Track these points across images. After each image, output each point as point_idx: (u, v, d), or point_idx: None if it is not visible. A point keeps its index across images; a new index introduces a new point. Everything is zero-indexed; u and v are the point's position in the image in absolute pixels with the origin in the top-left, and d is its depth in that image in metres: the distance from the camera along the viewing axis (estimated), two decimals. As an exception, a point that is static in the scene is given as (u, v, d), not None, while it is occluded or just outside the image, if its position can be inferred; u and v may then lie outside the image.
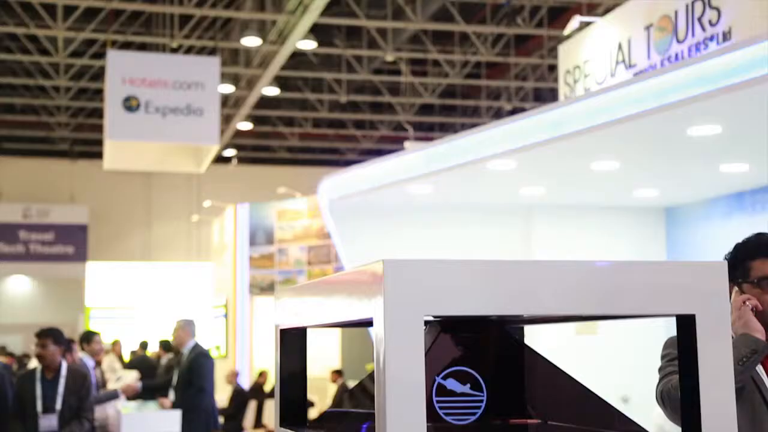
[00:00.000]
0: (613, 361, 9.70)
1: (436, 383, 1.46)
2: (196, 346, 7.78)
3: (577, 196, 9.89)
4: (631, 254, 10.12)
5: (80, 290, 21.23)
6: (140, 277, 21.69)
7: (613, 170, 8.46)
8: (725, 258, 2.69)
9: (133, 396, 8.40)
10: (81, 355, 8.08)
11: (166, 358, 9.85)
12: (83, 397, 6.16)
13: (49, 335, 6.16)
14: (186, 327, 7.80)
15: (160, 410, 7.82)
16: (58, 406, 6.03)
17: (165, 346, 10.44)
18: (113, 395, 8.02)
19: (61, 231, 21.27)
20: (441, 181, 9.14)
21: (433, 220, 10.38)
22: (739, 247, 2.69)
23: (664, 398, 2.51)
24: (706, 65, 6.23)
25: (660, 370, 2.63)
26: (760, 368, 2.55)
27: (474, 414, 1.48)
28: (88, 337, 8.72)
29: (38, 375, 6.13)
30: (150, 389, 8.48)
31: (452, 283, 1.29)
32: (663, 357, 2.65)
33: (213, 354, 8.36)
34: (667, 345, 2.66)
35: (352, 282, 1.44)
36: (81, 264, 21.28)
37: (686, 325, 1.35)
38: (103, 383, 9.15)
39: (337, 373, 13.24)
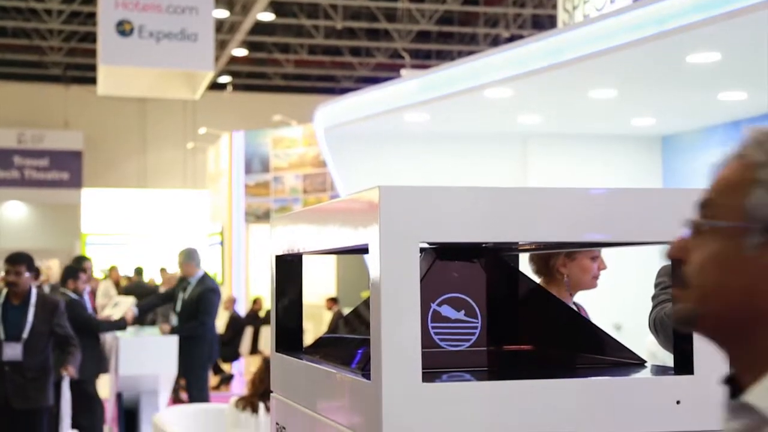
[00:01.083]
0: (607, 289, 9.76)
1: (431, 309, 1.47)
2: (205, 277, 7.66)
3: (573, 124, 9.85)
4: (628, 183, 10.11)
5: (76, 216, 21.26)
6: (136, 204, 21.71)
7: (610, 98, 8.41)
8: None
9: (131, 322, 8.38)
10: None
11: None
12: (58, 325, 5.72)
13: (23, 261, 5.69)
14: (189, 260, 7.66)
15: (159, 336, 7.78)
16: (25, 335, 5.56)
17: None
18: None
19: (55, 157, 21.20)
20: (437, 109, 9.07)
21: (429, 148, 10.34)
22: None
23: (656, 326, 2.54)
24: (707, -8, 6.14)
25: (653, 298, 2.64)
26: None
27: (468, 340, 1.49)
28: (78, 263, 8.69)
29: (1, 300, 5.63)
30: (145, 310, 8.43)
31: (448, 210, 1.28)
32: (656, 285, 2.66)
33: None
34: (661, 273, 2.68)
35: (348, 209, 1.44)
36: (76, 190, 21.27)
37: (681, 253, 1.35)
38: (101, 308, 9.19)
39: (333, 301, 13.34)
